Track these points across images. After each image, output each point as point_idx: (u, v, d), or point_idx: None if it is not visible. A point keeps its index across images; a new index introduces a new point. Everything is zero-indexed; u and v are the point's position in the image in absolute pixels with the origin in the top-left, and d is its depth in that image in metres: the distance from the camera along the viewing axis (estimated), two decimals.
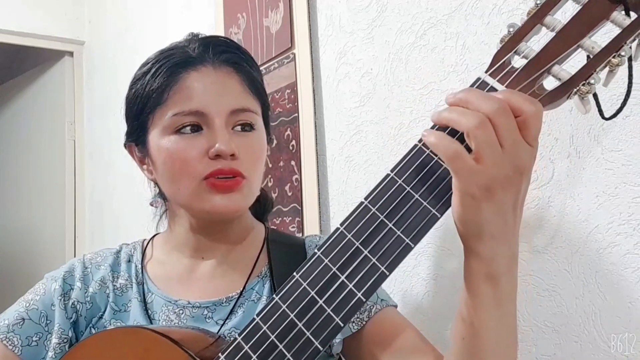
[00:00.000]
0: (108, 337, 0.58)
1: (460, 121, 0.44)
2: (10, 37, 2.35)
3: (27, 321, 0.67)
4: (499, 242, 0.46)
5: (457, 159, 0.44)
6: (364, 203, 0.49)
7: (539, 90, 0.47)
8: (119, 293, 0.71)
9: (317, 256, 0.49)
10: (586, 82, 0.46)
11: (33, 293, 0.70)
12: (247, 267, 0.72)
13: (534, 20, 0.48)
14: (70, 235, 2.46)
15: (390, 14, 0.97)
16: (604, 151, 0.67)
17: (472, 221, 0.45)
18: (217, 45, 0.69)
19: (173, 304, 0.69)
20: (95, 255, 0.76)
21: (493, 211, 0.45)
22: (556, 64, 0.46)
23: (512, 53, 0.48)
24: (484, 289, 0.47)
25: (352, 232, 0.48)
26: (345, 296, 0.47)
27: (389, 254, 0.47)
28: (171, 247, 0.75)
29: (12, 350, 0.65)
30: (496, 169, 0.43)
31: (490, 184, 0.43)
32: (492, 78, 0.48)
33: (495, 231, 0.45)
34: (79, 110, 2.51)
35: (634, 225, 0.65)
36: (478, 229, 0.46)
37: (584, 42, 0.46)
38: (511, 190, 0.44)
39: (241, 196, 0.67)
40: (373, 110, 1.00)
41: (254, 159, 0.68)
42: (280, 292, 0.50)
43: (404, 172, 0.48)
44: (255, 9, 1.32)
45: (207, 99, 0.65)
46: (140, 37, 2.03)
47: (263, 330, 0.49)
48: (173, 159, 0.66)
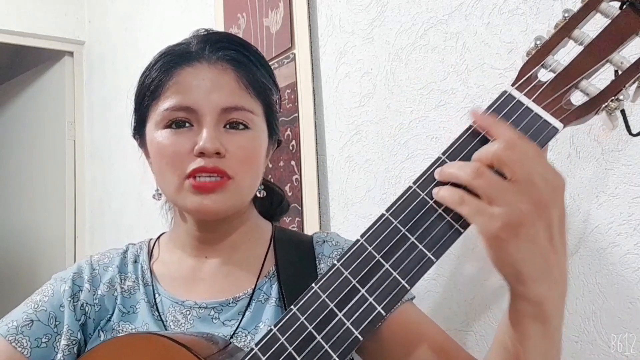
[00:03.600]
0: (119, 344, 0.57)
1: (458, 176, 0.44)
2: (10, 37, 2.35)
3: (35, 322, 0.66)
4: (545, 284, 0.43)
5: (463, 204, 0.43)
6: (385, 215, 0.48)
7: (566, 105, 0.46)
8: (127, 295, 0.71)
9: (336, 267, 0.48)
10: (615, 98, 0.45)
11: (41, 294, 0.70)
12: (253, 267, 0.71)
13: (562, 34, 0.47)
14: (70, 235, 2.46)
15: (390, 14, 0.97)
16: (604, 151, 0.67)
17: (507, 264, 0.43)
18: (216, 41, 0.69)
19: (180, 304, 0.69)
20: (102, 257, 0.75)
21: (527, 250, 0.42)
22: (584, 79, 0.46)
23: (539, 66, 0.47)
24: (532, 329, 0.45)
25: (373, 245, 0.47)
26: (365, 310, 0.46)
27: (410, 267, 0.46)
28: (174, 246, 0.75)
29: (21, 352, 0.64)
30: (512, 206, 0.41)
31: (511, 222, 0.41)
32: (518, 92, 0.47)
33: (536, 272, 0.43)
34: (79, 110, 2.51)
35: (634, 225, 0.65)
36: (516, 272, 0.43)
37: (612, 57, 0.45)
38: (539, 224, 0.42)
39: (225, 197, 0.65)
40: (373, 110, 1.00)
41: (243, 158, 0.66)
42: (298, 303, 0.49)
43: (427, 184, 0.47)
44: (255, 9, 1.32)
45: (199, 95, 0.65)
46: (140, 37, 2.03)
47: (281, 342, 0.48)
48: (162, 153, 0.66)
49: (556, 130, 0.45)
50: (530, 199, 0.42)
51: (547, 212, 0.42)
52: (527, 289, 0.44)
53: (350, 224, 1.05)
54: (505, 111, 0.47)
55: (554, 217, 0.43)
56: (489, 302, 0.80)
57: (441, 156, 0.47)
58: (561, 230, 0.44)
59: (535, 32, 0.74)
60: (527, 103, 0.46)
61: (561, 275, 0.45)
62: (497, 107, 0.47)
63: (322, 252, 0.72)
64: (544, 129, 0.46)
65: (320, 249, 0.73)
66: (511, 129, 0.45)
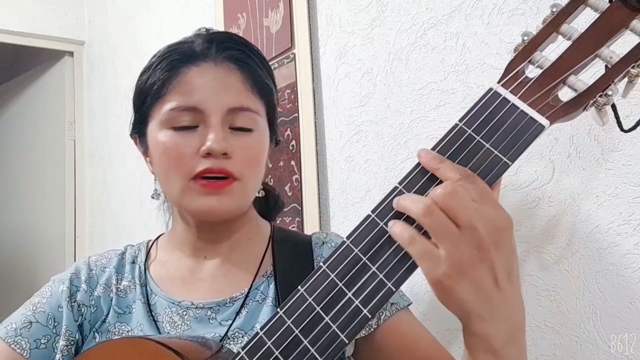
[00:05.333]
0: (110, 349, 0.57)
1: (411, 210, 0.44)
2: (10, 37, 2.35)
3: (34, 324, 0.66)
4: (490, 322, 0.44)
5: (412, 244, 0.43)
6: (371, 216, 0.47)
7: (553, 101, 0.45)
8: (122, 295, 0.71)
9: (322, 270, 0.48)
10: (604, 94, 0.44)
11: (39, 296, 0.70)
12: (251, 267, 0.71)
13: (549, 29, 0.46)
14: (70, 235, 2.46)
15: (390, 14, 0.97)
16: (604, 151, 0.67)
17: (452, 304, 0.44)
18: (222, 41, 0.68)
19: (176, 305, 0.68)
20: (100, 257, 0.75)
21: (469, 293, 0.43)
22: (572, 74, 0.45)
23: (526, 62, 0.46)
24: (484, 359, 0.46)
25: (360, 247, 0.47)
26: (350, 313, 0.46)
27: (397, 270, 0.45)
28: (173, 247, 0.74)
29: (20, 354, 0.64)
30: (456, 249, 0.42)
31: (454, 266, 0.42)
32: (504, 89, 0.46)
33: (481, 311, 0.44)
34: (79, 110, 2.51)
35: (634, 225, 0.65)
36: (461, 311, 0.44)
37: (601, 51, 0.44)
38: (482, 267, 0.43)
39: (231, 198, 0.65)
40: (373, 110, 1.00)
41: (249, 159, 0.66)
42: (284, 306, 0.48)
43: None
44: (255, 9, 1.32)
45: (205, 95, 0.64)
46: (140, 37, 2.03)
47: (267, 345, 0.48)
48: (166, 154, 0.65)
49: (542, 127, 0.45)
50: (473, 243, 0.42)
51: (488, 256, 0.43)
52: (474, 325, 0.45)
53: (350, 224, 1.05)
54: (491, 109, 0.46)
55: (497, 259, 0.43)
56: None
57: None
58: (509, 270, 0.44)
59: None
60: (513, 100, 0.45)
61: (511, 312, 0.45)
62: (482, 105, 0.47)
63: (320, 254, 0.72)
64: (530, 126, 0.45)
65: (320, 250, 0.72)
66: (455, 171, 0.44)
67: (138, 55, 2.03)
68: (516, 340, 0.46)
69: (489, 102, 0.47)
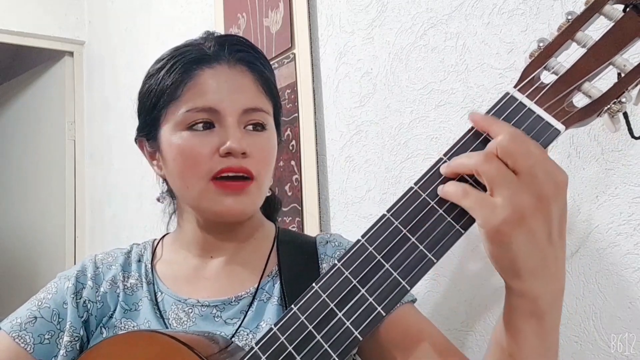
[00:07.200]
0: (121, 341, 0.58)
1: (467, 164, 0.44)
2: (10, 37, 2.35)
3: (39, 319, 0.67)
4: (541, 279, 0.44)
5: (466, 197, 0.43)
6: (387, 216, 0.48)
7: (568, 107, 0.46)
8: (129, 292, 0.71)
9: (337, 267, 0.48)
10: (617, 101, 0.45)
11: (45, 292, 0.71)
12: (256, 266, 0.72)
13: (564, 36, 0.47)
14: (70, 235, 2.46)
15: (390, 14, 0.97)
16: (604, 151, 0.67)
17: (506, 258, 0.43)
18: (232, 44, 0.70)
19: (182, 302, 0.69)
20: (106, 256, 0.76)
21: (525, 244, 0.42)
22: (587, 81, 0.46)
23: (541, 68, 0.47)
24: (527, 326, 0.46)
25: (374, 245, 0.47)
26: (364, 310, 0.46)
27: (411, 268, 0.46)
28: (180, 246, 0.75)
29: (24, 349, 0.65)
30: (515, 196, 0.41)
31: (513, 214, 0.41)
32: (520, 93, 0.47)
33: (533, 267, 0.43)
34: (79, 110, 2.51)
35: (634, 225, 0.65)
36: (514, 266, 0.43)
37: (615, 59, 0.45)
38: (540, 219, 0.42)
39: (250, 198, 0.67)
40: (373, 110, 1.00)
41: (264, 159, 0.68)
42: (298, 302, 0.49)
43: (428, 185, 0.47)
44: (255, 9, 1.32)
45: (221, 96, 0.66)
46: (140, 37, 2.03)
47: (281, 340, 0.48)
48: (183, 155, 0.66)
49: (558, 132, 0.45)
50: (532, 192, 0.42)
51: (547, 207, 0.42)
52: (523, 283, 0.44)
53: (350, 224, 1.05)
54: (507, 113, 0.47)
55: (554, 212, 0.43)
56: (489, 302, 0.80)
57: (443, 157, 0.47)
58: (561, 227, 0.44)
59: (535, 32, 0.74)
60: (529, 105, 0.46)
61: (558, 271, 0.45)
62: (499, 108, 0.47)
63: (324, 252, 0.73)
64: (546, 131, 0.46)
65: (324, 249, 0.73)
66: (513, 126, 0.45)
67: (138, 55, 2.02)
68: (558, 307, 0.46)
69: (505, 106, 0.47)
